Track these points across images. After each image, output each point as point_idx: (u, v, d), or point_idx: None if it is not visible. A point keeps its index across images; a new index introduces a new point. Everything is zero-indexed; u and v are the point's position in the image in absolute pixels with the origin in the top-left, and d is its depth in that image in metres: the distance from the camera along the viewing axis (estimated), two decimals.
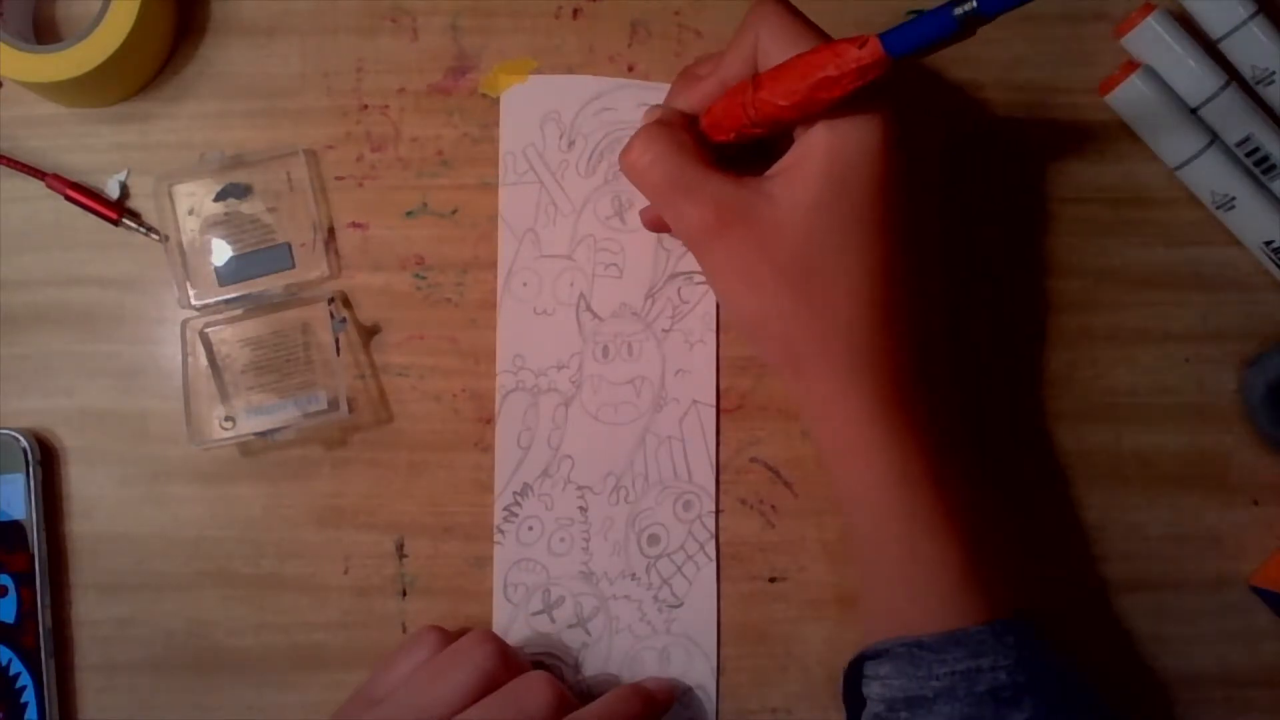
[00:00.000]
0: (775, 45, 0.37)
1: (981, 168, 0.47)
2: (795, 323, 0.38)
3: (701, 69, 0.42)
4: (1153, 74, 0.45)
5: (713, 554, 0.46)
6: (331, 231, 0.46)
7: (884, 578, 0.40)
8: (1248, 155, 0.45)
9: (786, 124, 0.37)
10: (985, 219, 0.47)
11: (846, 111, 0.36)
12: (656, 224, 0.45)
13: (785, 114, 0.36)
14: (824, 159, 0.37)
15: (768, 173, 0.39)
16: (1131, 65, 0.45)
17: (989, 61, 0.47)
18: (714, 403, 0.46)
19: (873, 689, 0.39)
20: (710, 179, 0.38)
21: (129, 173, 0.46)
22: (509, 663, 0.41)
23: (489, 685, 0.40)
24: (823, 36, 0.37)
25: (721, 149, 0.40)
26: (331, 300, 0.45)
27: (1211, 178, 0.45)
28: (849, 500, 0.40)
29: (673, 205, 0.39)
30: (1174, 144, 0.45)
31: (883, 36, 0.34)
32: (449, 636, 0.43)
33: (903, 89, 0.38)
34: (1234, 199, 0.45)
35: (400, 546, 0.46)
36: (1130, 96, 0.45)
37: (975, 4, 0.32)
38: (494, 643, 0.41)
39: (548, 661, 0.45)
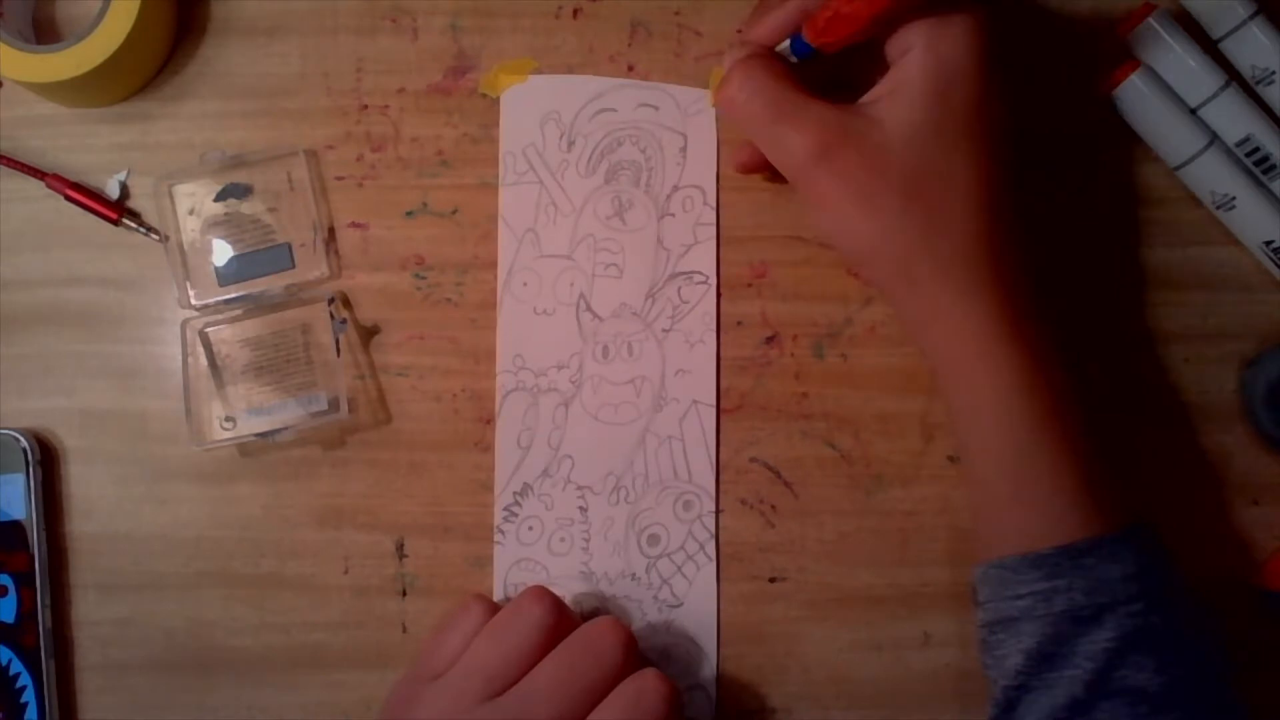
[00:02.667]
0: None
1: None
2: (913, 241, 0.39)
3: None
4: (1153, 74, 0.45)
5: (713, 554, 0.46)
6: (331, 231, 0.46)
7: (995, 496, 0.40)
8: (1248, 155, 0.45)
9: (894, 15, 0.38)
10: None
11: (940, 28, 0.37)
12: (751, 165, 0.45)
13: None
14: (925, 77, 0.38)
15: (865, 98, 0.39)
16: (1131, 65, 0.45)
17: None
18: (714, 403, 0.46)
19: (980, 614, 0.40)
20: (812, 106, 0.39)
21: (129, 173, 0.46)
22: (565, 617, 0.41)
23: (552, 640, 0.40)
24: None
25: (813, 79, 0.40)
26: (331, 300, 0.45)
27: (1211, 178, 0.45)
28: (967, 413, 0.40)
29: (777, 135, 0.40)
30: (1174, 144, 0.45)
31: None
32: (495, 604, 0.43)
33: None
34: (1234, 199, 0.45)
35: (400, 546, 0.46)
36: (1130, 96, 0.45)
37: None
38: (550, 598, 0.41)
39: None
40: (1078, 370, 0.40)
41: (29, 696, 0.43)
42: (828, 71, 0.41)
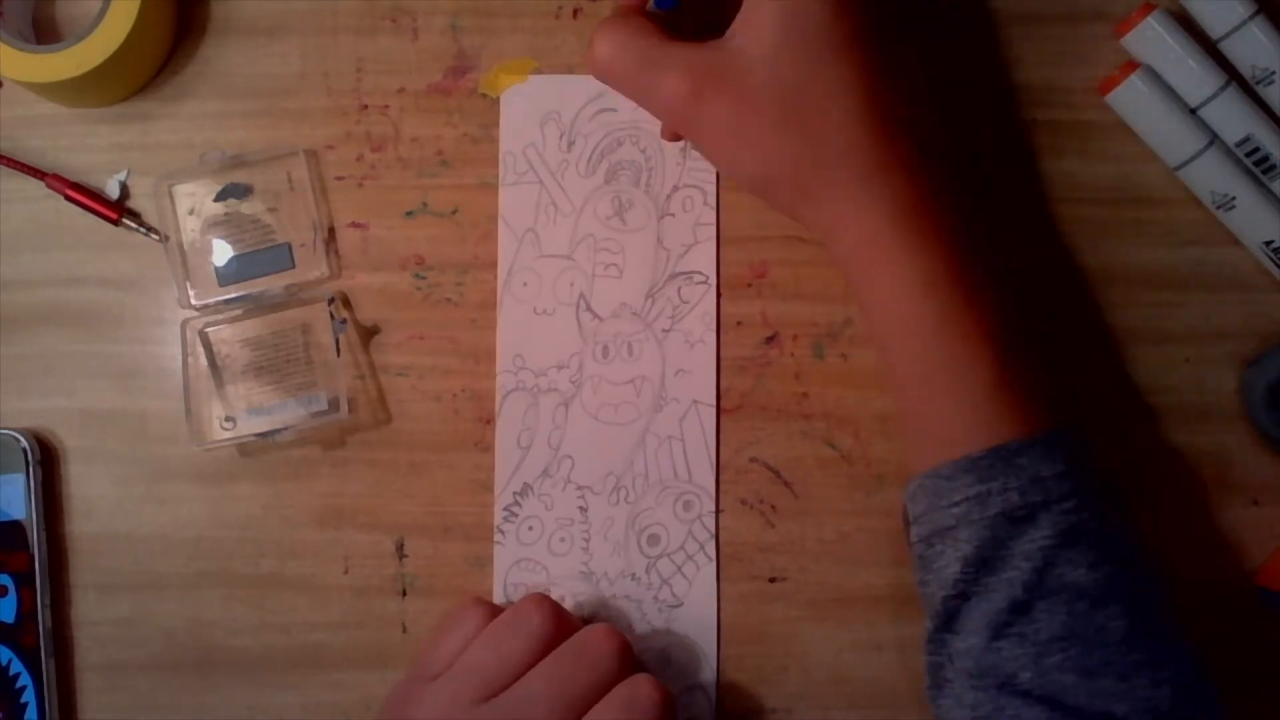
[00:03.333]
0: None
1: (981, 168, 0.47)
2: (797, 160, 0.39)
3: None
4: (1153, 74, 0.45)
5: (713, 554, 0.46)
6: (331, 231, 0.46)
7: (914, 402, 0.40)
8: (1248, 155, 0.45)
9: None
10: (985, 219, 0.47)
11: None
12: (672, 133, 0.45)
13: None
14: (776, 2, 0.38)
15: (727, 33, 0.40)
16: (1131, 65, 0.45)
17: (989, 61, 0.47)
18: (714, 403, 0.46)
19: (914, 532, 0.40)
20: (676, 50, 0.40)
21: (129, 173, 0.46)
22: (564, 623, 0.41)
23: (549, 645, 0.41)
24: None
25: (675, 26, 0.41)
26: (331, 300, 0.45)
27: (1211, 178, 0.45)
28: (877, 320, 0.40)
29: (648, 86, 0.40)
30: (1174, 144, 0.45)
31: None
32: (494, 607, 0.43)
33: None
34: (1234, 199, 0.45)
35: (400, 546, 0.46)
36: (1130, 96, 0.45)
37: None
38: (549, 604, 0.42)
39: None
40: (1000, 264, 0.40)
41: (29, 696, 0.43)
42: (700, 18, 0.42)
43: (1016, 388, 0.39)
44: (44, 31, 0.47)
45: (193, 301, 0.45)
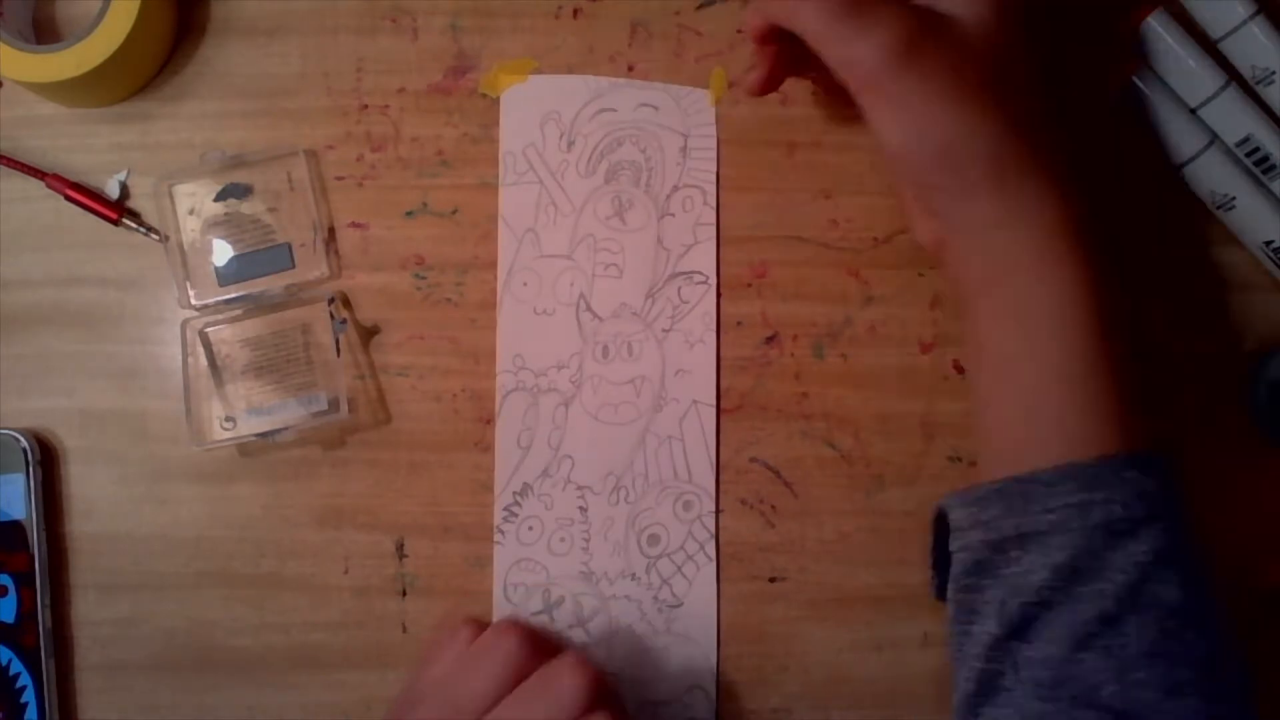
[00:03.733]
0: None
1: None
2: (999, 138, 0.37)
3: None
4: (1153, 74, 0.45)
5: (712, 554, 0.46)
6: (331, 231, 0.46)
7: (1020, 402, 0.39)
8: (1248, 155, 0.45)
9: None
10: None
11: None
12: (771, 82, 0.43)
13: None
14: None
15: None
16: (1131, 65, 0.45)
17: None
18: (714, 403, 0.46)
19: (972, 536, 0.39)
20: (886, 4, 0.37)
21: (129, 173, 0.46)
22: (537, 649, 0.41)
23: (519, 675, 0.40)
24: None
25: None
26: (331, 300, 0.45)
27: (1211, 178, 0.45)
28: (1019, 318, 0.39)
29: (851, 32, 0.37)
30: (1174, 144, 0.45)
31: None
32: (476, 629, 0.43)
33: None
34: (1234, 199, 0.45)
35: (400, 546, 0.46)
36: (1130, 96, 0.45)
37: None
38: (518, 631, 0.41)
39: None
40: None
41: (29, 696, 0.43)
42: None
43: (1135, 407, 0.38)
44: (44, 31, 0.47)
45: (193, 301, 0.45)
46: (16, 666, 0.43)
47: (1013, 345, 0.39)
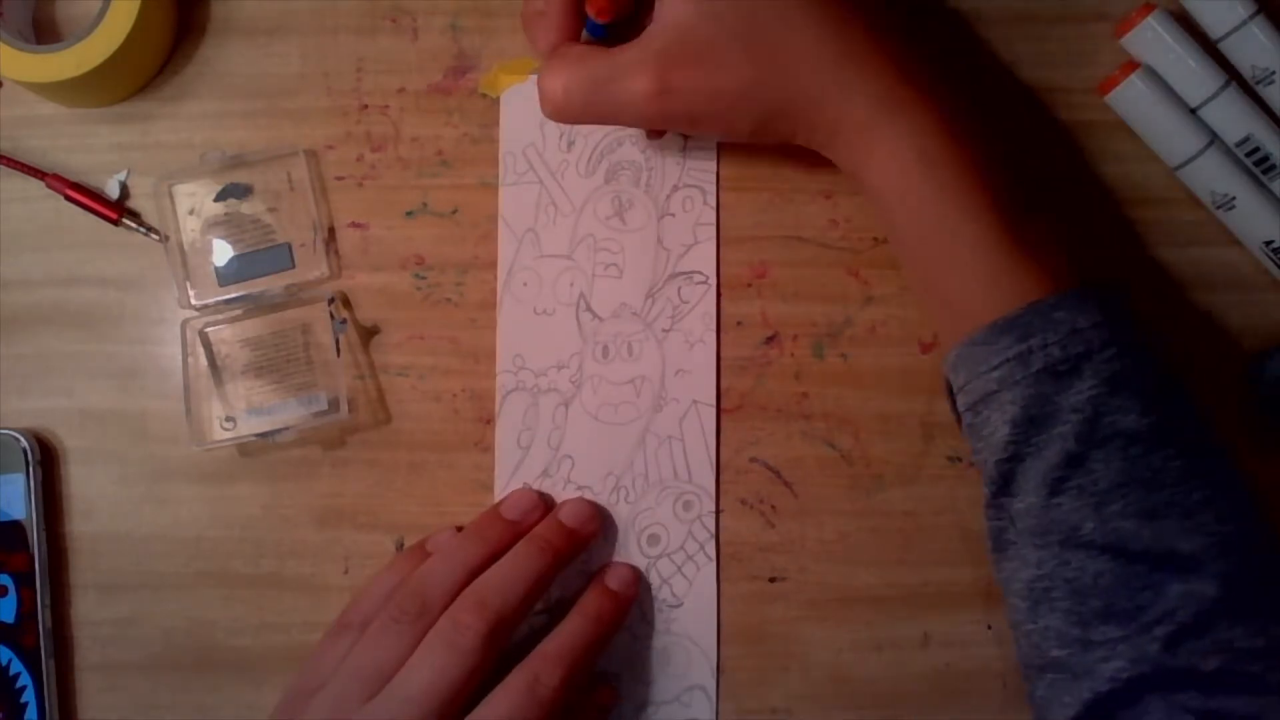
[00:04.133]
0: None
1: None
2: (777, 84, 0.39)
3: (534, 3, 0.43)
4: (1152, 74, 0.45)
5: (713, 554, 0.46)
6: (331, 231, 0.46)
7: (932, 276, 0.40)
8: (1248, 155, 0.45)
9: None
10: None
11: None
12: (655, 132, 0.46)
13: None
14: None
15: (653, 17, 0.40)
16: (1131, 65, 0.45)
17: (989, 62, 0.47)
18: (714, 403, 0.46)
19: (960, 401, 0.40)
20: (620, 55, 0.40)
21: (129, 173, 0.46)
22: (425, 588, 0.41)
23: (423, 623, 0.40)
24: None
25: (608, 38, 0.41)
26: (331, 300, 0.45)
27: (1211, 178, 0.45)
28: (884, 205, 0.40)
29: (611, 101, 0.40)
30: (1174, 144, 0.45)
31: None
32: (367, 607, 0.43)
33: None
34: (1234, 199, 0.45)
35: (400, 546, 0.46)
36: (1130, 96, 0.45)
37: None
38: (394, 568, 0.42)
39: None
40: (997, 145, 0.40)
41: (29, 696, 0.43)
42: (628, 34, 0.41)
43: (1033, 246, 0.38)
44: (44, 31, 0.47)
45: (193, 301, 0.45)
46: (16, 666, 0.43)
47: (894, 232, 0.41)
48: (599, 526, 0.45)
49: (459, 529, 0.45)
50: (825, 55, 0.39)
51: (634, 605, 0.45)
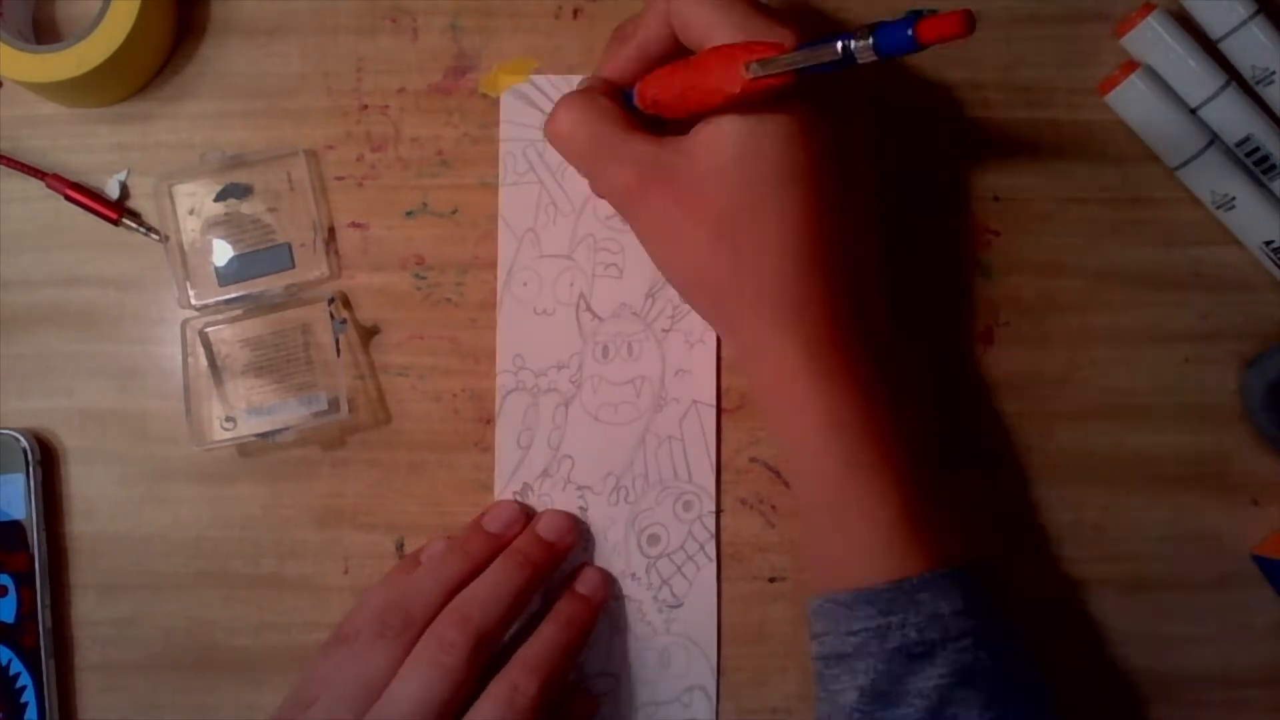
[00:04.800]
0: (684, 18, 0.38)
1: (982, 168, 0.47)
2: (723, 277, 0.39)
3: (629, 29, 0.42)
4: (1153, 74, 0.45)
5: (713, 554, 0.46)
6: (331, 231, 0.46)
7: (819, 528, 0.40)
8: (1248, 155, 0.45)
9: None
10: (985, 219, 0.47)
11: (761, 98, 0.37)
12: None
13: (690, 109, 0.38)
14: (741, 119, 0.37)
15: (685, 138, 0.39)
16: (1131, 65, 0.45)
17: (989, 62, 0.47)
18: (714, 403, 0.46)
19: (813, 648, 0.40)
20: (631, 141, 0.39)
21: (129, 173, 0.46)
22: (409, 609, 0.41)
23: (407, 639, 0.40)
24: (727, 6, 0.37)
25: (642, 115, 0.41)
26: (331, 300, 0.45)
27: (1211, 177, 0.45)
28: (785, 448, 0.41)
29: (596, 170, 0.40)
30: (1174, 144, 0.45)
31: (757, 70, 0.34)
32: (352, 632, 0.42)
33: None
34: (1234, 199, 0.45)
35: (400, 547, 0.46)
36: (1130, 96, 0.45)
37: (871, 46, 0.32)
38: (378, 592, 0.42)
39: None
40: (911, 406, 0.40)
41: (29, 696, 0.43)
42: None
43: (922, 523, 0.38)
44: (44, 31, 0.47)
45: (193, 301, 0.45)
46: (16, 666, 0.43)
47: (787, 469, 0.41)
48: (576, 537, 0.45)
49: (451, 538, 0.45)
50: (782, 291, 0.38)
51: (632, 605, 0.45)
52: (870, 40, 0.32)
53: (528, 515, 0.45)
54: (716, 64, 0.36)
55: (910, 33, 0.31)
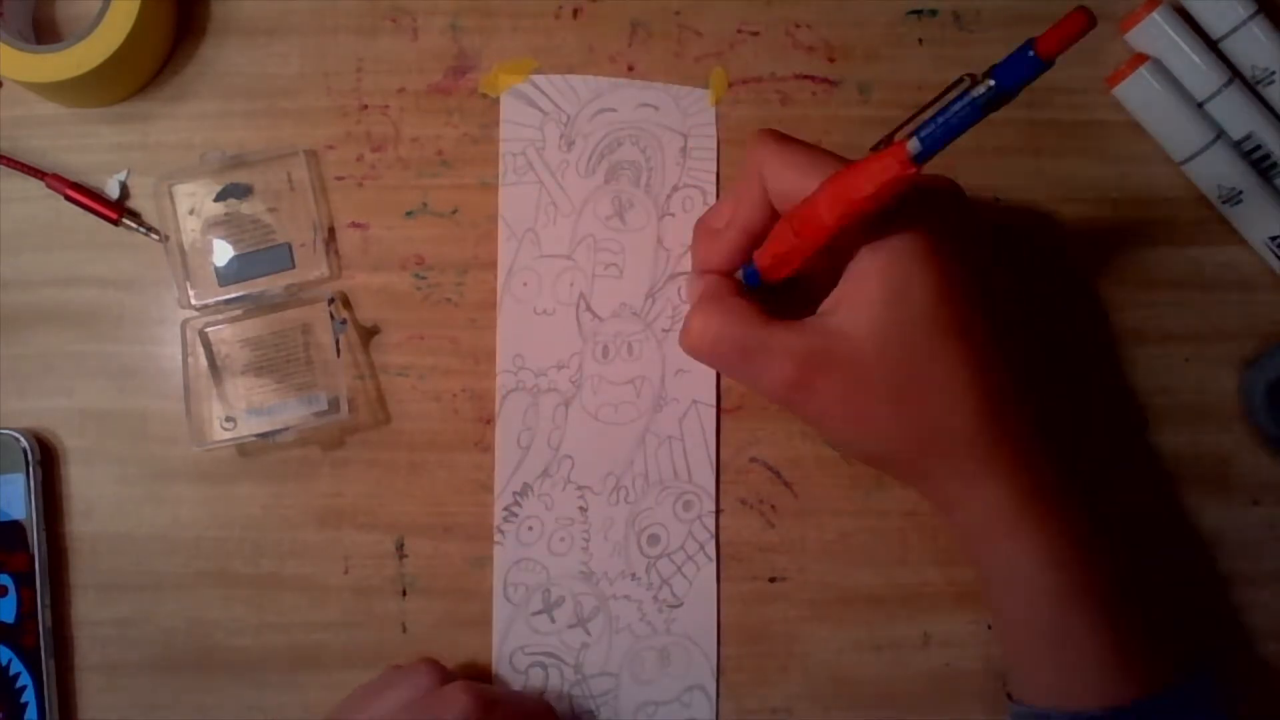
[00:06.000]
0: (784, 181, 0.38)
1: (982, 167, 0.47)
2: (913, 442, 0.38)
3: (715, 220, 0.41)
4: (1161, 67, 0.45)
5: (713, 554, 0.46)
6: (331, 231, 0.46)
7: (1035, 658, 0.40)
8: (1250, 153, 0.45)
9: (838, 242, 0.37)
10: (984, 218, 0.47)
11: (886, 227, 0.36)
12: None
13: (835, 233, 0.36)
14: (879, 278, 0.37)
15: (823, 309, 0.38)
16: (1140, 58, 0.45)
17: (989, 62, 0.47)
18: (714, 403, 0.46)
19: None
20: (775, 334, 0.38)
21: (129, 173, 0.46)
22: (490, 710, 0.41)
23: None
24: (822, 154, 0.37)
25: (766, 298, 0.39)
26: (331, 300, 0.45)
27: (1218, 171, 0.45)
28: (997, 584, 0.40)
29: (753, 375, 0.38)
30: (1181, 137, 0.45)
31: (916, 145, 0.33)
32: (443, 676, 0.42)
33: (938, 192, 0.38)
34: (1240, 193, 0.45)
35: (400, 546, 0.46)
36: (1138, 89, 0.45)
37: (993, 83, 0.31)
38: (471, 694, 0.40)
39: (546, 662, 0.45)
40: (1109, 532, 0.39)
41: (29, 696, 0.43)
42: (790, 286, 0.40)
43: (1135, 652, 0.38)
44: (44, 31, 0.47)
45: (193, 301, 0.45)
46: (16, 666, 0.43)
47: (997, 607, 0.41)
48: None
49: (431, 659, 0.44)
50: (975, 437, 0.38)
51: (632, 604, 0.45)
52: (991, 81, 0.31)
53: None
54: (854, 178, 0.34)
55: (1031, 54, 0.30)
